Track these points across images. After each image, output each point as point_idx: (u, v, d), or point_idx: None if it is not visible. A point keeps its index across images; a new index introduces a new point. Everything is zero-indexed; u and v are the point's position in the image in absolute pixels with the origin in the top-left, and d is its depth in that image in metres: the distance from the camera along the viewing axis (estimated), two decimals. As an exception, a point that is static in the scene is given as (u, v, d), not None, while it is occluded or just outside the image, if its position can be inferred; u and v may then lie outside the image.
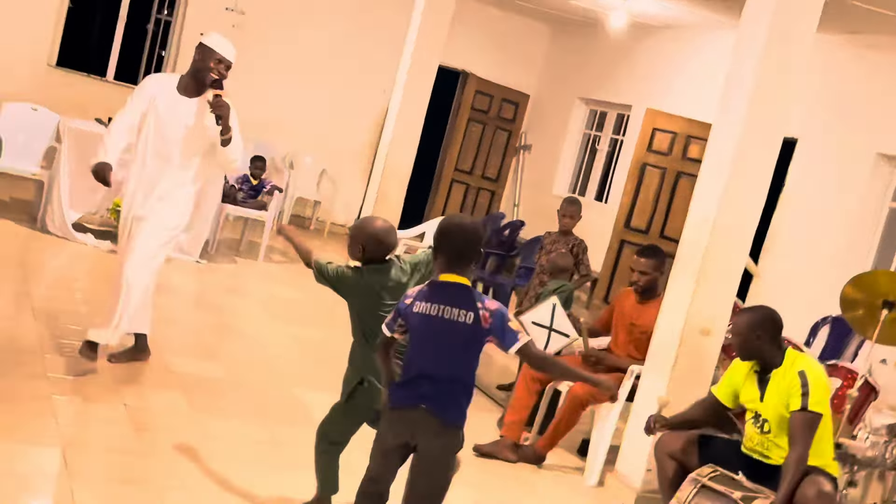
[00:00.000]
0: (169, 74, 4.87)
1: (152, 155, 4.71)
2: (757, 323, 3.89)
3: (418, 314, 3.01)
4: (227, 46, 4.74)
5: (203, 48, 4.68)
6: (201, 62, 4.67)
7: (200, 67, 4.68)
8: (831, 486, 3.71)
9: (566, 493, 4.94)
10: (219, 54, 4.68)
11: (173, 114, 4.68)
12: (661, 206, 9.80)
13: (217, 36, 4.78)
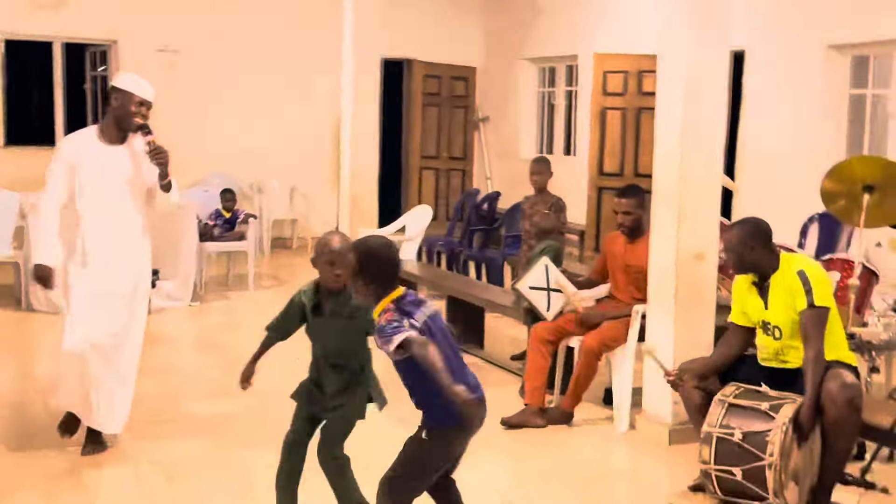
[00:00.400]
0: (82, 130, 4.46)
1: (97, 216, 4.34)
2: (747, 235, 3.91)
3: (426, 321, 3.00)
4: (144, 86, 4.41)
5: (120, 92, 4.35)
6: (121, 108, 4.34)
7: (121, 113, 4.36)
8: (853, 376, 3.74)
9: (600, 443, 4.97)
10: (138, 96, 4.36)
11: (106, 167, 4.35)
12: (628, 146, 9.82)
13: (132, 76, 4.49)
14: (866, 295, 4.79)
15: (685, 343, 4.78)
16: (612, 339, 5.11)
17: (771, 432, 3.60)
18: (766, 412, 3.67)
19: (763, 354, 4.02)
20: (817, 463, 3.78)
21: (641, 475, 4.59)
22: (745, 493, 3.71)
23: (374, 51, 8.82)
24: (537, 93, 12.12)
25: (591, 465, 4.68)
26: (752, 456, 3.63)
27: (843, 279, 4.77)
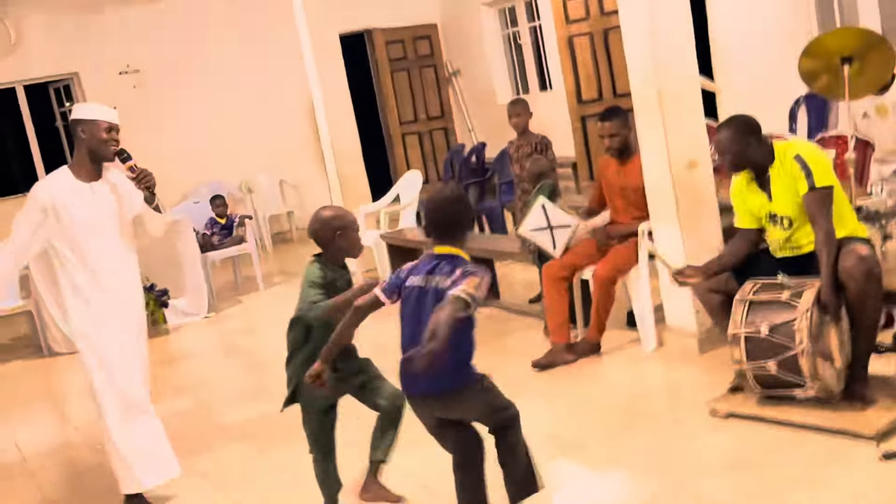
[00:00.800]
0: (54, 173, 4.12)
1: (87, 258, 4.05)
2: (738, 134, 3.88)
3: (409, 286, 3.03)
4: (107, 111, 4.13)
5: (84, 123, 4.04)
6: (91, 138, 4.04)
7: (93, 145, 4.05)
8: (867, 248, 3.74)
9: (632, 366, 5.00)
10: (105, 122, 4.06)
11: (87, 206, 4.06)
12: (602, 69, 9.73)
13: (90, 105, 4.21)
14: (865, 166, 4.77)
15: (695, 250, 4.78)
16: (624, 263, 5.12)
17: (796, 320, 3.62)
18: (787, 302, 3.68)
19: (775, 247, 4.02)
20: (848, 339, 3.80)
21: (678, 387, 4.62)
22: (783, 383, 3.75)
23: (330, 29, 8.72)
24: (502, 35, 12.00)
25: (627, 388, 4.71)
26: (783, 347, 3.65)
27: (839, 155, 4.76)
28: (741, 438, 3.83)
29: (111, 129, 4.09)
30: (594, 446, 4.03)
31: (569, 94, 9.98)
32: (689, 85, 4.89)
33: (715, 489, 3.44)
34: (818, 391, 3.69)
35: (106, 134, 4.07)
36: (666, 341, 5.10)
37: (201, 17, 11.16)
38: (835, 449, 3.55)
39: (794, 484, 3.34)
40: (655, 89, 4.77)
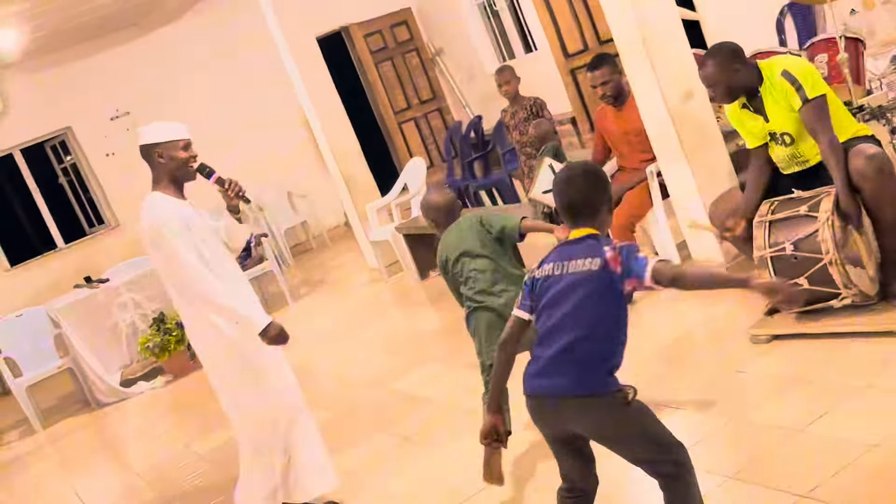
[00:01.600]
0: (154, 201, 3.73)
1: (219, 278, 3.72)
2: (723, 62, 3.84)
3: (541, 279, 2.61)
4: (176, 128, 3.82)
5: (158, 146, 3.73)
6: (171, 160, 3.74)
7: (174, 166, 3.75)
8: (875, 146, 3.70)
9: (666, 308, 4.98)
10: (179, 141, 3.77)
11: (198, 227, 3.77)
12: (582, 20, 9.66)
13: (157, 125, 3.85)
14: (859, 64, 4.71)
15: (707, 181, 4.76)
16: (638, 207, 5.10)
17: (818, 231, 3.60)
18: (806, 215, 3.66)
19: (783, 164, 3.99)
20: (874, 241, 3.77)
21: (716, 320, 4.60)
22: (818, 297, 3.73)
23: (306, 34, 8.71)
24: (477, 6, 11.93)
25: (667, 331, 4.69)
26: (811, 261, 3.63)
27: (831, 58, 4.69)
28: (787, 358, 3.82)
29: (187, 146, 3.80)
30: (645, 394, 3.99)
31: (554, 51, 9.92)
32: (669, 18, 4.86)
33: (771, 414, 3.43)
34: (854, 297, 3.67)
35: (184, 153, 3.78)
36: (695, 277, 5.08)
37: (181, 49, 11.18)
38: (883, 350, 3.54)
39: (848, 392, 3.33)
40: (637, 30, 4.74)
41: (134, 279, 7.94)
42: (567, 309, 2.51)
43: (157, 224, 3.63)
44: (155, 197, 3.74)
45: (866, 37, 4.96)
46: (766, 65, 3.85)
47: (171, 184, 3.79)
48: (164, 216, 3.66)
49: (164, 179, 3.77)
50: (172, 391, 7.35)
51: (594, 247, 2.53)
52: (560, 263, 2.56)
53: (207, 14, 11.29)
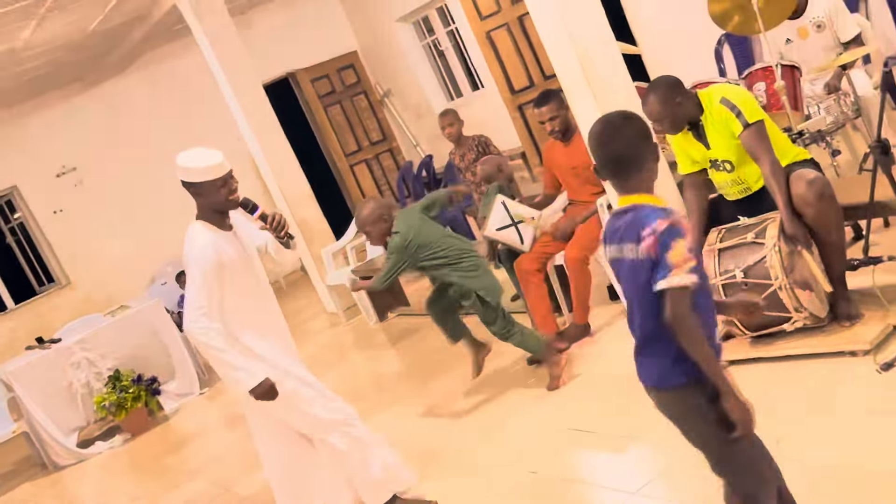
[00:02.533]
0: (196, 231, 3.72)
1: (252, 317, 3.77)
2: (665, 97, 3.91)
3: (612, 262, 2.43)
4: (214, 164, 3.72)
5: (196, 186, 3.71)
6: (212, 196, 3.69)
7: (216, 201, 3.70)
8: (814, 171, 3.79)
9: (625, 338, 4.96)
10: (220, 177, 3.70)
11: (239, 258, 3.75)
12: (526, 56, 9.80)
13: (193, 159, 3.76)
14: (796, 90, 4.83)
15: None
16: (591, 240, 5.14)
17: (766, 258, 3.66)
18: (754, 242, 3.73)
19: (726, 191, 4.06)
20: (820, 263, 3.84)
21: (674, 348, 4.63)
22: (771, 322, 3.79)
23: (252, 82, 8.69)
24: (423, 46, 12.05)
25: (625, 362, 4.65)
26: (761, 287, 3.69)
27: (769, 86, 4.81)
28: (744, 383, 3.77)
29: (227, 180, 3.73)
30: (605, 427, 4.05)
31: (501, 88, 10.04)
32: (609, 53, 4.94)
33: (730, 440, 3.45)
34: (805, 320, 3.74)
35: (223, 190, 3.71)
36: (650, 306, 5.13)
37: (126, 102, 11.13)
38: (835, 370, 3.60)
39: (803, 413, 3.38)
40: (578, 65, 4.82)
41: (87, 337, 7.80)
42: (631, 295, 2.36)
43: (189, 256, 3.66)
44: (195, 228, 3.73)
45: (802, 64, 5.09)
46: (705, 94, 3.94)
47: (213, 214, 3.76)
48: (197, 252, 3.65)
49: (205, 211, 3.76)
50: (131, 449, 7.21)
51: (634, 225, 2.28)
52: (616, 246, 2.35)
53: (152, 66, 11.27)
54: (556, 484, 3.68)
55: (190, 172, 3.72)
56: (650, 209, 2.30)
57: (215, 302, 3.59)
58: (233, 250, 3.72)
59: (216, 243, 3.67)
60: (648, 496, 3.38)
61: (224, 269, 3.64)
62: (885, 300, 3.76)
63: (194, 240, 3.69)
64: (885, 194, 3.62)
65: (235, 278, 3.68)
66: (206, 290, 3.58)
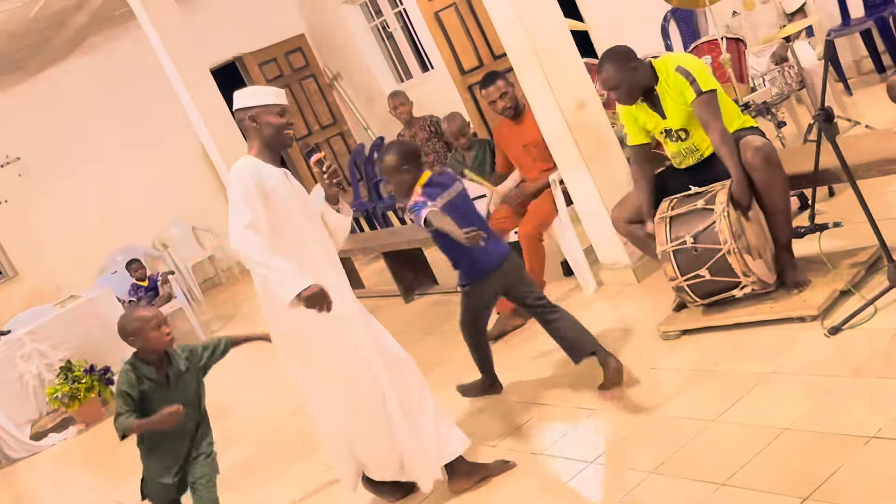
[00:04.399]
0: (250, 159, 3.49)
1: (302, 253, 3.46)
2: (618, 65, 3.93)
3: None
4: (274, 92, 3.56)
5: (252, 110, 3.50)
6: (266, 127, 3.49)
7: (269, 132, 3.49)
8: (761, 137, 3.85)
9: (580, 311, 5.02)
10: (276, 106, 3.52)
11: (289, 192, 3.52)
12: (475, 36, 9.79)
13: (254, 89, 3.62)
14: (741, 63, 4.90)
15: (608, 186, 4.88)
16: (544, 216, 5.18)
17: (716, 223, 3.72)
18: (703, 208, 3.79)
19: (678, 160, 4.11)
20: (767, 229, 3.92)
21: (627, 321, 4.70)
22: (720, 288, 3.85)
23: (199, 66, 8.57)
24: (371, 29, 11.97)
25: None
26: (710, 251, 3.75)
27: (714, 59, 4.88)
28: (696, 352, 3.93)
29: (283, 112, 3.53)
30: (561, 401, 4.09)
31: (450, 69, 10.02)
32: (558, 30, 4.96)
33: (686, 407, 3.52)
34: (754, 286, 3.80)
35: (280, 118, 3.52)
36: (605, 279, 5.19)
37: (70, 90, 10.89)
38: (784, 336, 3.67)
39: (756, 379, 3.44)
40: (528, 43, 4.83)
41: (36, 328, 7.67)
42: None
43: (232, 178, 3.40)
44: (245, 159, 3.49)
45: (748, 37, 5.16)
46: (660, 62, 3.97)
47: (265, 149, 3.52)
48: (242, 174, 3.40)
49: (257, 146, 3.52)
50: (86, 440, 7.10)
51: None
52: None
53: (95, 52, 11.05)
54: (514, 456, 3.71)
55: (252, 95, 3.55)
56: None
57: (261, 220, 3.32)
58: (278, 184, 3.46)
59: (260, 169, 3.44)
60: (605, 464, 3.43)
61: (267, 195, 3.38)
62: (831, 266, 3.84)
63: (238, 167, 3.45)
64: (830, 162, 3.68)
65: (280, 211, 3.41)
66: (249, 207, 3.31)
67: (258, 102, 3.50)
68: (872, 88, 6.65)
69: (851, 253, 3.93)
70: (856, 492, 2.58)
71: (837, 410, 3.02)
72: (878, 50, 6.71)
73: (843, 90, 6.58)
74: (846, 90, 6.71)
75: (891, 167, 3.68)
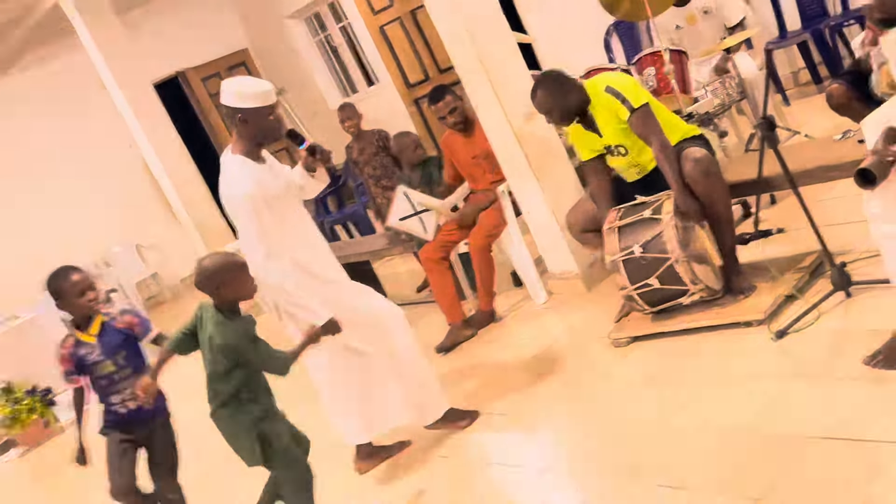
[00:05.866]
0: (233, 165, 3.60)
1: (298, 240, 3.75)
2: (552, 89, 4.00)
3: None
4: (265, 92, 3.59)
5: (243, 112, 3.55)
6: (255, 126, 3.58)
7: (257, 131, 3.58)
8: (702, 148, 3.91)
9: (530, 322, 5.10)
10: (265, 108, 3.58)
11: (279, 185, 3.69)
12: (420, 49, 9.83)
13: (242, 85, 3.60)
14: (685, 74, 4.99)
15: (556, 196, 4.93)
16: (494, 226, 5.21)
17: (663, 232, 3.78)
18: (651, 218, 3.84)
19: (624, 174, 4.17)
20: (712, 237, 3.99)
21: (578, 330, 4.73)
22: (669, 295, 3.91)
23: (142, 81, 8.47)
24: (315, 43, 11.95)
25: (531, 345, 4.79)
26: (658, 261, 3.81)
27: (658, 70, 4.96)
28: (646, 359, 3.98)
29: (275, 108, 3.62)
30: (515, 411, 4.11)
31: (396, 83, 10.05)
32: (505, 42, 5.00)
33: (639, 412, 3.56)
34: (702, 293, 3.87)
35: (272, 116, 3.61)
36: (554, 289, 5.23)
37: (9, 105, 10.65)
38: (732, 341, 3.73)
39: (704, 385, 3.50)
40: (475, 55, 4.86)
41: (-26, 351, 7.48)
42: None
43: (232, 194, 3.56)
44: (234, 161, 3.59)
45: (691, 49, 5.26)
46: (590, 84, 4.05)
47: (252, 146, 3.62)
48: (244, 185, 3.53)
49: (245, 141, 3.60)
50: (29, 462, 6.93)
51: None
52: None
53: (35, 66, 10.84)
54: (467, 467, 3.72)
55: (246, 97, 3.56)
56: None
57: (272, 235, 3.55)
58: (269, 179, 3.63)
59: (257, 176, 3.58)
60: (561, 472, 3.45)
61: (267, 199, 3.56)
62: (775, 272, 3.92)
63: (235, 175, 3.59)
64: (773, 170, 3.77)
65: (276, 205, 3.60)
66: (260, 227, 3.53)
67: (249, 105, 3.55)
68: (809, 99, 6.82)
69: (794, 259, 4.01)
70: (808, 492, 2.63)
71: (786, 412, 3.08)
72: (814, 62, 6.89)
73: (781, 101, 6.74)
74: (784, 101, 6.87)
75: (831, 174, 3.78)
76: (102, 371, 3.77)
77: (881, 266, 3.50)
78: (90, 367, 3.78)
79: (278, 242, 3.60)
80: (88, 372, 3.79)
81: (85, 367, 3.78)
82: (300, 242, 3.74)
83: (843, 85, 4.14)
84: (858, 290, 3.58)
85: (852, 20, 6.43)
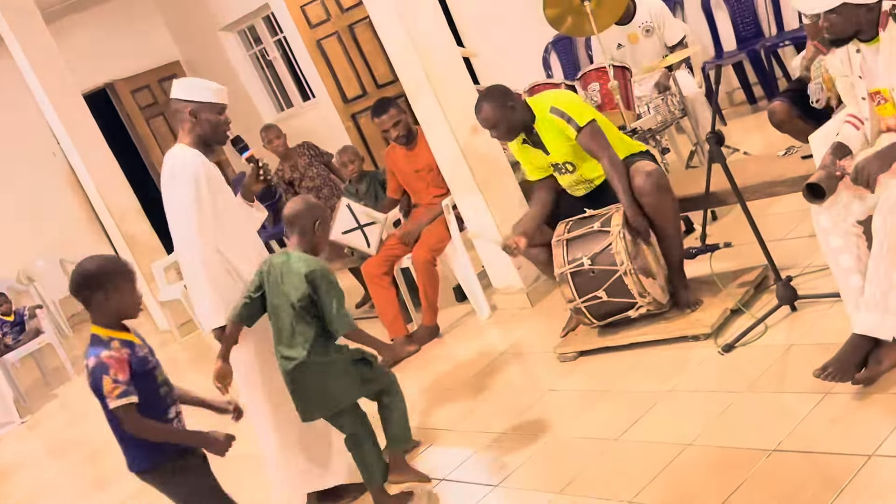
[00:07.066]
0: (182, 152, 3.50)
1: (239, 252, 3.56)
2: (497, 103, 3.96)
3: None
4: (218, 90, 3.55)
5: (194, 105, 3.48)
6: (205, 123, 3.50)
7: (206, 129, 3.51)
8: (651, 163, 3.93)
9: (474, 337, 5.05)
10: (219, 104, 3.53)
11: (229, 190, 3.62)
12: (358, 64, 9.75)
13: (196, 82, 3.57)
14: (628, 90, 5.03)
15: (501, 210, 4.90)
16: (437, 241, 5.16)
17: (611, 245, 3.77)
18: (600, 230, 3.83)
19: (572, 190, 4.17)
20: (660, 251, 4.00)
21: (523, 345, 4.70)
22: (617, 308, 3.90)
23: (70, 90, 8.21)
24: (249, 56, 11.78)
25: (476, 361, 4.73)
26: (607, 273, 3.80)
27: (603, 86, 4.98)
28: (593, 373, 3.96)
29: (224, 110, 3.56)
30: (459, 427, 4.04)
31: (333, 97, 9.95)
32: (450, 56, 4.98)
33: (587, 427, 3.53)
34: (649, 306, 3.87)
35: (220, 116, 3.53)
36: (498, 304, 5.19)
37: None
38: (679, 355, 3.74)
39: (653, 398, 3.48)
40: (421, 68, 4.82)
41: None
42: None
43: (179, 170, 3.43)
44: (182, 149, 3.50)
45: (632, 66, 5.31)
46: (534, 102, 4.04)
47: (199, 144, 3.53)
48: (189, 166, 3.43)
49: (192, 139, 3.52)
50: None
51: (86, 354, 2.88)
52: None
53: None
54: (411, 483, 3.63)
55: (199, 88, 3.51)
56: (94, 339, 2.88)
57: (209, 217, 3.41)
58: (217, 176, 3.53)
59: (206, 167, 3.47)
60: (509, 487, 3.40)
61: (213, 193, 3.45)
62: (721, 286, 3.94)
63: (180, 157, 3.47)
64: (718, 185, 3.80)
65: (219, 199, 3.49)
66: (200, 210, 3.40)
67: (200, 98, 3.49)
68: (744, 119, 6.96)
69: (740, 273, 4.04)
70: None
71: (737, 425, 3.08)
72: (749, 82, 7.03)
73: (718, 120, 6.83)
74: (721, 120, 6.98)
75: (776, 189, 3.82)
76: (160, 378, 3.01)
77: (826, 280, 3.56)
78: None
79: (218, 237, 3.44)
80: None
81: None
82: (239, 251, 3.54)
83: (785, 102, 4.20)
84: (803, 304, 3.62)
85: (787, 41, 6.57)
